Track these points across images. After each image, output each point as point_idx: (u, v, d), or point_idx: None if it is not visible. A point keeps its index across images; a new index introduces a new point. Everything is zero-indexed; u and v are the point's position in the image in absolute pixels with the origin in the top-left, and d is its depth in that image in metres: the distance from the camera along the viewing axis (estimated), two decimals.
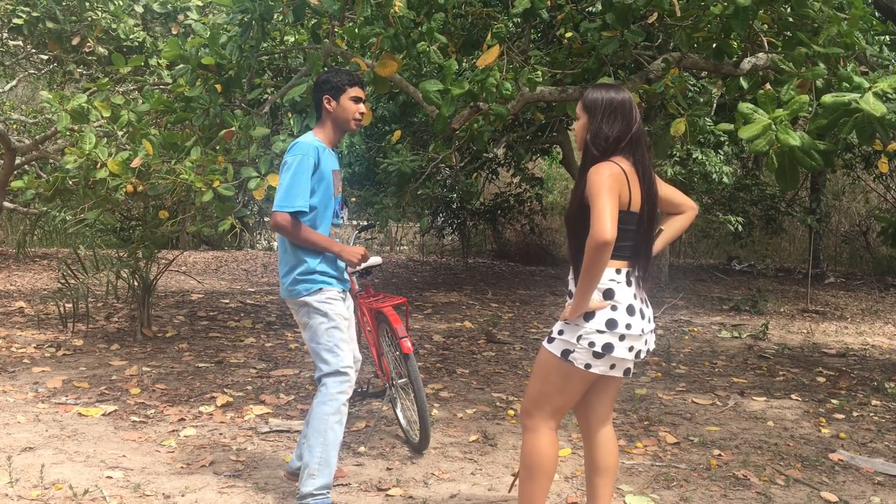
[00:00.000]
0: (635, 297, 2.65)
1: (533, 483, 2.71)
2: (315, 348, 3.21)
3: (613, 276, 2.61)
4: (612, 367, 2.63)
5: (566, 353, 2.62)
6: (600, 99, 2.68)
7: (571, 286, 2.71)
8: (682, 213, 2.86)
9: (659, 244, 2.81)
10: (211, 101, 4.69)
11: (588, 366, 2.61)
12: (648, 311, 2.72)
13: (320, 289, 3.20)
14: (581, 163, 2.71)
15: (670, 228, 2.87)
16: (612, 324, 2.58)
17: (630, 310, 2.61)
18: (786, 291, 10.70)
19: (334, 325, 3.20)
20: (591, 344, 2.58)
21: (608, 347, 2.58)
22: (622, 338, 2.59)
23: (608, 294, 2.59)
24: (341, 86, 3.24)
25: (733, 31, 4.41)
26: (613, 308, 2.59)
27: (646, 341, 2.69)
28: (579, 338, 2.59)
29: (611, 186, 2.52)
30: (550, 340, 2.68)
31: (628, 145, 2.65)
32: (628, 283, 2.63)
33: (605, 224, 2.45)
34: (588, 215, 2.54)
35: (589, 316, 2.58)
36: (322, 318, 3.19)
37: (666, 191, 2.83)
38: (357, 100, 3.27)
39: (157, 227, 5.73)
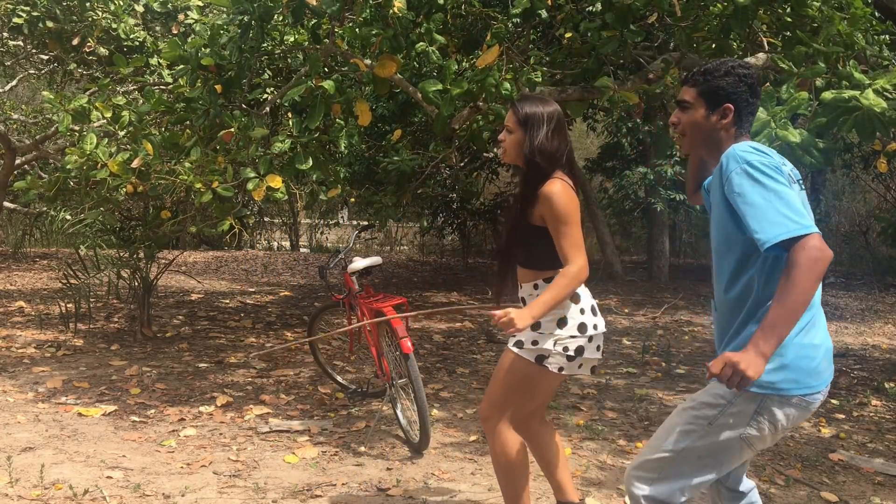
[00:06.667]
0: (590, 296, 2.77)
1: (514, 483, 2.78)
2: (695, 450, 2.12)
3: None
4: (580, 366, 2.71)
5: (541, 358, 2.66)
6: (539, 113, 2.67)
7: (520, 292, 2.83)
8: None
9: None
10: (211, 102, 4.69)
11: (561, 369, 2.67)
12: None
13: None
14: (525, 180, 2.68)
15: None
16: (583, 328, 2.67)
17: (593, 310, 2.73)
18: None
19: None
20: (566, 349, 2.65)
21: (580, 350, 2.66)
22: (591, 339, 2.68)
23: (574, 298, 2.68)
24: None
25: (733, 31, 4.41)
26: (581, 312, 2.68)
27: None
28: (555, 343, 2.65)
29: (577, 211, 2.61)
30: (521, 347, 2.69)
31: (567, 160, 2.70)
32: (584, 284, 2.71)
33: (586, 258, 2.60)
34: (538, 235, 2.65)
35: (562, 323, 2.66)
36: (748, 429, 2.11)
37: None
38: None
39: (157, 227, 5.73)
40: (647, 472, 2.15)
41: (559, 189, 2.59)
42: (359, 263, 4.39)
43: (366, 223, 6.24)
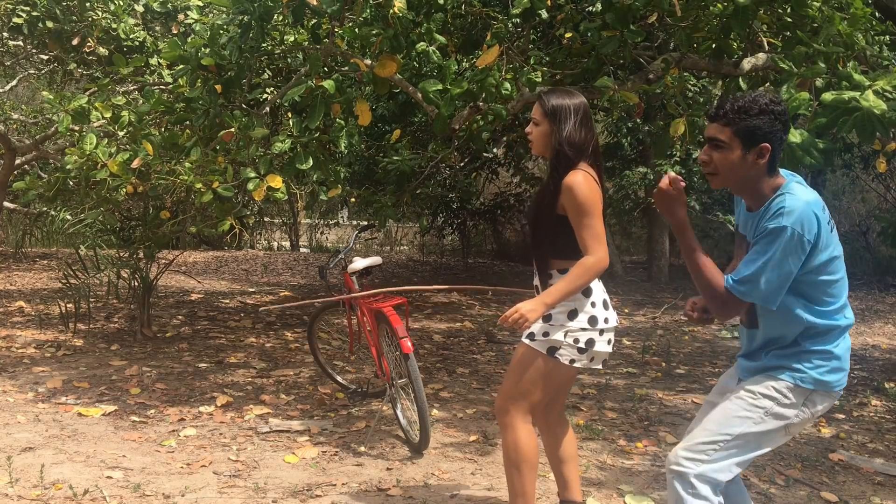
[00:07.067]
0: (603, 290, 2.80)
1: (521, 476, 2.81)
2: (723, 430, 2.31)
3: None
4: (592, 359, 2.76)
5: (552, 350, 2.71)
6: (567, 105, 2.71)
7: (536, 280, 2.84)
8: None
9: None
10: (211, 102, 4.69)
11: (572, 361, 2.72)
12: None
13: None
14: (552, 171, 2.73)
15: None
16: (593, 321, 2.71)
17: (605, 304, 2.76)
18: None
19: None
20: (576, 341, 2.70)
21: (590, 343, 2.71)
22: (602, 332, 2.73)
23: (586, 292, 2.70)
24: None
25: (733, 31, 4.41)
26: (593, 305, 2.71)
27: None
28: (565, 334, 2.69)
29: (599, 202, 2.64)
30: (532, 339, 2.73)
31: (593, 151, 2.74)
32: (598, 279, 2.75)
33: (606, 250, 2.62)
34: (562, 225, 2.68)
35: (573, 315, 2.69)
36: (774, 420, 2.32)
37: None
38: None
39: (157, 227, 5.72)
40: (698, 454, 2.29)
41: (581, 179, 2.63)
42: (359, 263, 4.39)
43: (366, 223, 6.23)
